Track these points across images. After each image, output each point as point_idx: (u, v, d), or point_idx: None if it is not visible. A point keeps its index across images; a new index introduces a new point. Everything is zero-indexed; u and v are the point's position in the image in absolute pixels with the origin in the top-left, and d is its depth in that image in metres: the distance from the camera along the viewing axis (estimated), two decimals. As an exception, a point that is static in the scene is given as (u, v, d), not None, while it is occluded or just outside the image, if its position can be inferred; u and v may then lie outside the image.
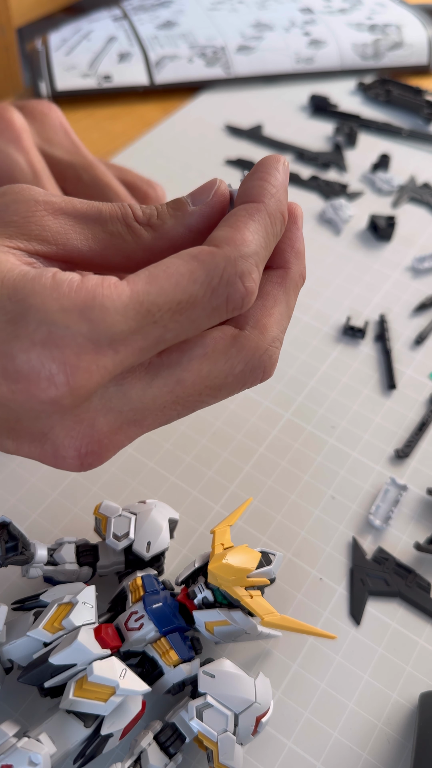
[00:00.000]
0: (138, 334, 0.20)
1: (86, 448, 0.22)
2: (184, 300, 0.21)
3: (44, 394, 0.20)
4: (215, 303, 0.21)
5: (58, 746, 0.22)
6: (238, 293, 0.21)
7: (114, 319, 0.20)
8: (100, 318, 0.20)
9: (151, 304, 0.20)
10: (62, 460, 0.22)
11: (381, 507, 0.34)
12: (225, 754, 0.24)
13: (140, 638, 0.26)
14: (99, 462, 0.22)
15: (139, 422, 0.23)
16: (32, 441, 0.22)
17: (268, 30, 0.60)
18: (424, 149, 0.55)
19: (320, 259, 0.46)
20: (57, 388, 0.20)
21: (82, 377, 0.20)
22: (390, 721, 0.28)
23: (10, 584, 0.30)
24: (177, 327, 0.21)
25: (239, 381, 0.23)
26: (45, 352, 0.20)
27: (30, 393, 0.20)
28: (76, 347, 0.20)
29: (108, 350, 0.20)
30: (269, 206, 0.23)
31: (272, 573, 0.29)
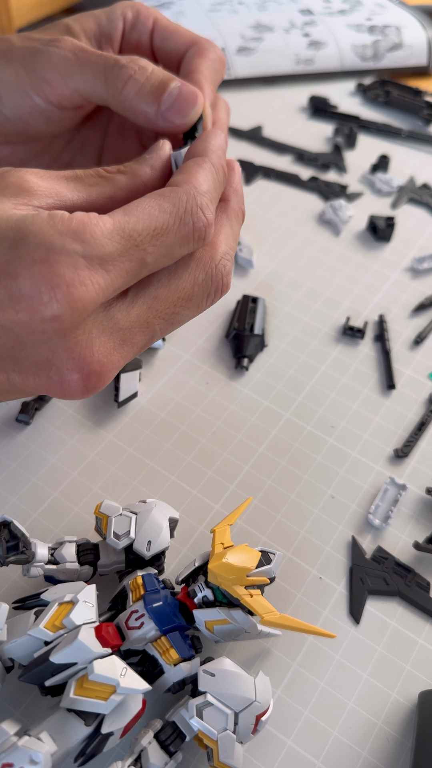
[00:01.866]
0: (124, 256, 0.24)
1: (89, 368, 0.25)
2: (159, 227, 0.25)
3: (47, 310, 0.23)
4: (184, 231, 0.26)
5: (58, 745, 0.23)
6: (200, 222, 0.26)
7: (103, 242, 0.23)
8: (91, 240, 0.23)
9: (131, 230, 0.24)
10: (68, 384, 0.25)
11: (380, 506, 0.34)
12: (225, 752, 0.24)
13: (141, 637, 0.26)
14: (102, 383, 0.25)
15: (130, 341, 0.26)
16: (38, 371, 0.25)
17: (268, 31, 0.60)
18: (423, 150, 0.55)
19: (320, 260, 0.46)
20: (58, 303, 0.23)
21: (79, 291, 0.23)
22: (389, 719, 0.28)
23: (10, 583, 0.31)
24: (155, 251, 0.25)
25: (204, 290, 0.28)
26: (45, 267, 0.22)
27: (33, 310, 0.23)
28: (72, 264, 0.23)
29: (100, 269, 0.23)
30: (212, 159, 0.28)
31: (272, 572, 0.29)
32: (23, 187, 0.25)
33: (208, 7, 0.63)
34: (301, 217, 0.48)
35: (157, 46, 0.36)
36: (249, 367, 0.39)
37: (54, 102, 0.32)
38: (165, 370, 0.39)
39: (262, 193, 0.50)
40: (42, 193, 0.25)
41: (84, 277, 0.23)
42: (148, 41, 0.35)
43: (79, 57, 0.31)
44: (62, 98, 0.32)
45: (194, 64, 0.34)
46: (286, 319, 0.42)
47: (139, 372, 0.37)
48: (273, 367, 0.40)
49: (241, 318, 0.40)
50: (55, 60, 0.31)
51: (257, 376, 0.39)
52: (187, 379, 0.39)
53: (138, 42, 0.35)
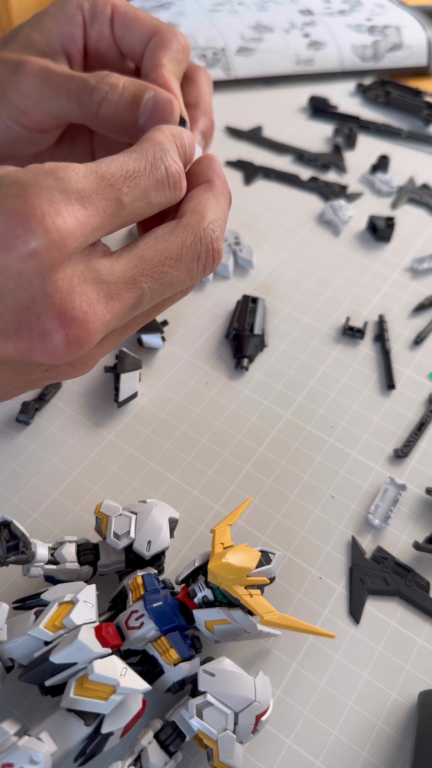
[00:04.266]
0: (99, 194, 0.24)
1: (70, 314, 0.23)
2: (131, 170, 0.25)
3: (23, 244, 0.21)
4: (157, 175, 0.26)
5: (58, 745, 0.23)
6: (172, 167, 0.26)
7: (78, 179, 0.23)
8: (65, 177, 0.23)
9: (104, 172, 0.24)
10: (49, 336, 0.23)
11: (380, 506, 0.34)
12: (225, 752, 0.24)
13: (140, 637, 0.26)
14: (84, 333, 0.24)
15: (116, 296, 0.25)
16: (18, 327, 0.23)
17: (268, 31, 0.60)
18: (423, 150, 0.55)
19: (320, 260, 0.46)
20: (34, 235, 0.22)
21: (56, 221, 0.22)
22: (389, 719, 0.29)
23: (10, 583, 0.31)
24: (130, 192, 0.25)
25: (193, 251, 0.27)
26: (18, 200, 0.22)
27: (9, 246, 0.22)
28: (47, 196, 0.22)
29: (76, 203, 0.23)
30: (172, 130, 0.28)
31: (272, 572, 0.29)
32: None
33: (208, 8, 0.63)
34: (301, 218, 0.48)
35: (119, 37, 0.35)
36: (249, 367, 0.39)
37: (33, 128, 0.32)
38: (165, 370, 0.39)
39: (262, 193, 0.50)
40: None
41: (60, 208, 0.22)
42: (109, 32, 0.35)
43: (50, 82, 0.31)
44: (41, 123, 0.32)
45: (157, 57, 0.33)
46: (286, 319, 0.42)
47: (139, 372, 0.37)
48: (273, 367, 0.40)
49: (241, 318, 0.40)
50: (26, 89, 0.31)
51: (257, 376, 0.39)
52: (187, 379, 0.39)
53: (100, 34, 0.35)
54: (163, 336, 0.39)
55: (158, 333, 0.39)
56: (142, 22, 0.34)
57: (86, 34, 0.34)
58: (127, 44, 0.35)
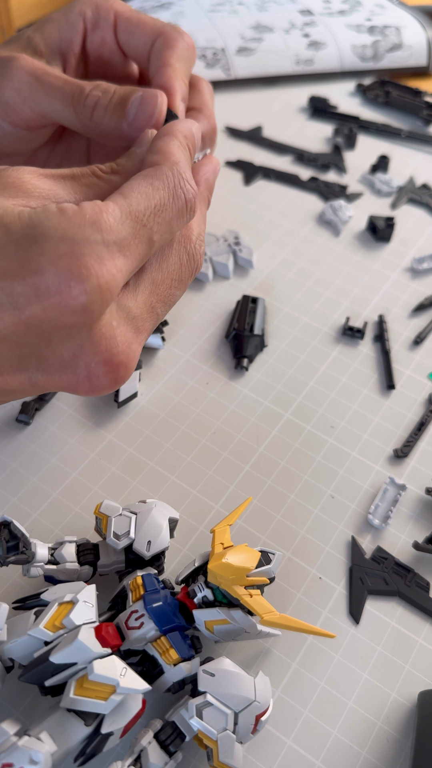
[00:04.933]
0: (136, 239, 0.25)
1: (116, 359, 0.25)
2: (157, 204, 0.26)
3: (75, 302, 0.23)
4: (179, 204, 0.26)
5: (58, 745, 0.23)
6: (189, 193, 0.27)
7: (118, 228, 0.24)
8: (108, 228, 0.23)
9: (137, 212, 0.25)
10: (96, 379, 0.25)
11: (380, 506, 0.34)
12: (225, 752, 0.24)
13: (140, 637, 0.26)
14: (128, 373, 0.26)
15: (142, 328, 0.27)
16: (63, 369, 0.25)
17: (268, 32, 0.60)
18: (423, 150, 0.55)
19: (320, 260, 0.46)
20: (87, 295, 0.23)
21: (107, 279, 0.23)
22: (389, 719, 0.29)
23: (10, 583, 0.31)
24: (159, 228, 0.26)
25: (188, 269, 0.29)
26: (72, 260, 0.22)
27: (62, 305, 0.23)
28: (97, 254, 0.23)
29: (120, 255, 0.24)
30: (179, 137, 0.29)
31: (272, 572, 0.29)
32: (21, 187, 0.25)
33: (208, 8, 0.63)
34: (301, 218, 0.48)
35: (123, 42, 0.35)
36: (249, 367, 0.40)
37: (21, 125, 0.32)
38: (165, 370, 0.39)
39: (262, 193, 0.50)
40: (40, 195, 0.25)
41: (109, 266, 0.23)
42: (112, 37, 0.35)
43: (43, 82, 0.31)
44: (28, 121, 0.32)
45: (164, 57, 0.33)
46: (286, 319, 0.42)
47: (139, 372, 0.37)
48: (273, 367, 0.40)
49: (241, 318, 0.40)
50: (16, 84, 0.31)
51: (257, 376, 0.39)
52: (187, 379, 0.39)
53: (102, 40, 0.35)
54: (163, 336, 0.39)
55: (158, 333, 0.39)
56: (145, 25, 0.34)
57: (86, 40, 0.35)
58: (132, 48, 0.35)
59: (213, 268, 0.44)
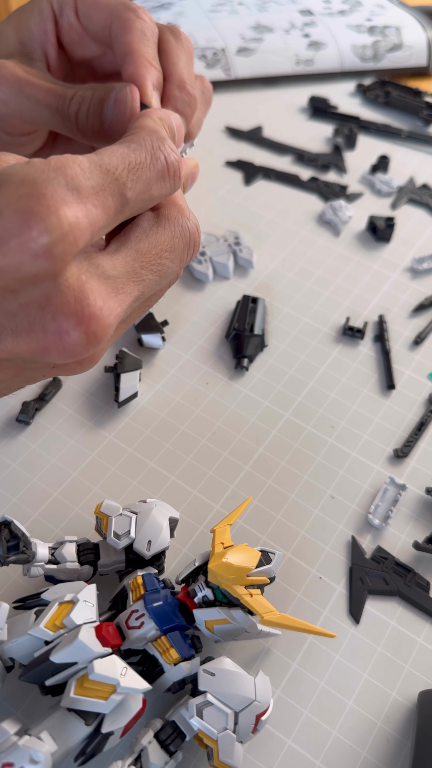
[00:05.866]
0: (106, 190, 0.23)
1: (87, 310, 0.23)
2: (133, 161, 0.25)
3: (36, 244, 0.21)
4: (158, 166, 0.25)
5: (59, 744, 0.23)
6: (171, 157, 0.26)
7: (83, 175, 0.22)
8: (72, 174, 0.22)
9: (108, 165, 0.24)
10: (66, 334, 0.23)
11: (380, 506, 0.34)
12: (225, 752, 0.24)
13: (141, 636, 0.26)
14: (101, 329, 0.24)
15: (122, 290, 0.25)
16: (31, 326, 0.23)
17: (268, 32, 0.60)
18: (423, 150, 0.55)
19: (320, 260, 0.46)
20: (48, 233, 0.21)
21: (69, 221, 0.22)
22: (389, 719, 0.29)
23: (11, 583, 0.31)
24: (134, 186, 0.25)
25: (183, 241, 0.28)
26: (32, 199, 0.21)
27: (22, 247, 0.21)
28: (59, 195, 0.22)
29: (86, 201, 0.22)
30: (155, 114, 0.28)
31: (272, 572, 0.29)
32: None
33: (208, 8, 0.63)
34: (301, 218, 0.48)
35: (85, 26, 0.34)
36: (249, 367, 0.40)
37: (15, 133, 0.32)
38: (165, 370, 0.39)
39: (262, 193, 0.50)
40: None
41: (74, 208, 0.22)
42: (76, 21, 0.34)
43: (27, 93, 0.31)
44: (21, 128, 0.32)
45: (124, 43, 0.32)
46: (286, 319, 0.42)
47: (139, 372, 0.37)
48: (273, 367, 0.40)
49: (241, 318, 0.40)
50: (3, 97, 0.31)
51: (257, 376, 0.39)
52: (187, 379, 0.39)
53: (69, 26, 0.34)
54: (163, 336, 0.40)
55: (158, 333, 0.39)
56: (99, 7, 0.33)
57: (58, 27, 0.34)
58: (93, 33, 0.34)
59: (213, 268, 0.44)
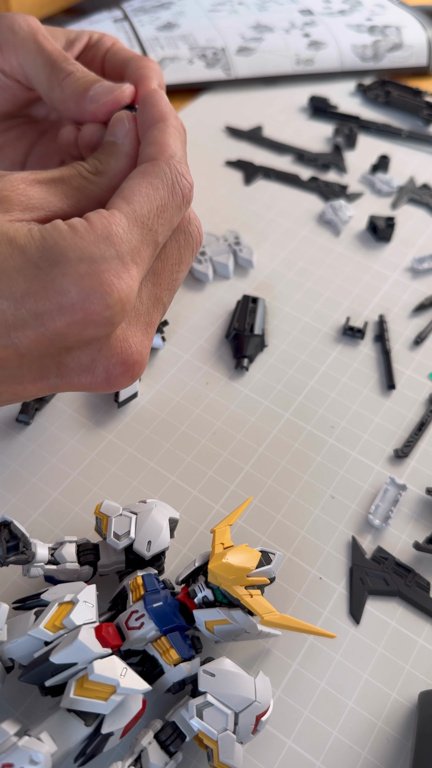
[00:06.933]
0: (144, 244, 0.25)
1: (131, 359, 0.27)
2: (159, 205, 0.26)
3: (99, 317, 0.24)
4: (177, 200, 0.27)
5: (58, 745, 0.23)
6: (186, 187, 0.27)
7: (128, 238, 0.25)
8: (119, 241, 0.24)
9: (142, 217, 0.25)
10: (114, 378, 0.27)
11: (380, 506, 0.34)
12: (225, 752, 0.24)
13: (141, 637, 0.26)
14: (142, 369, 0.27)
15: (150, 322, 0.28)
16: (81, 372, 0.26)
17: (268, 31, 0.60)
18: (423, 150, 0.55)
19: (320, 260, 0.46)
20: (111, 307, 0.24)
21: (125, 292, 0.24)
22: (389, 719, 0.28)
23: (11, 583, 0.31)
24: (162, 229, 0.26)
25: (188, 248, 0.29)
26: (95, 279, 0.23)
27: (87, 320, 0.24)
28: (113, 270, 0.24)
29: (133, 265, 0.25)
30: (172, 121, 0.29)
31: (272, 572, 0.29)
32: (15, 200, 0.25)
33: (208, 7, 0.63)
34: (301, 218, 0.48)
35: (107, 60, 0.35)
36: (249, 367, 0.39)
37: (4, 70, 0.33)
38: (165, 370, 0.39)
39: (262, 193, 0.50)
40: (34, 206, 0.26)
41: (126, 278, 0.24)
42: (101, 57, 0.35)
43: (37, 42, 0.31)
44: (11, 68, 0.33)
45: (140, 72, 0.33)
46: (286, 319, 0.42)
47: (139, 372, 0.37)
48: (273, 367, 0.40)
49: (241, 318, 0.40)
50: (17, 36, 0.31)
51: (257, 376, 0.39)
52: (187, 379, 0.39)
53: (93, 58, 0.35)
54: (163, 336, 0.39)
55: (158, 333, 0.39)
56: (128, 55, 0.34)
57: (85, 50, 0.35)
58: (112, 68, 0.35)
59: (213, 268, 0.44)
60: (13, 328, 0.23)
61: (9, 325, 0.23)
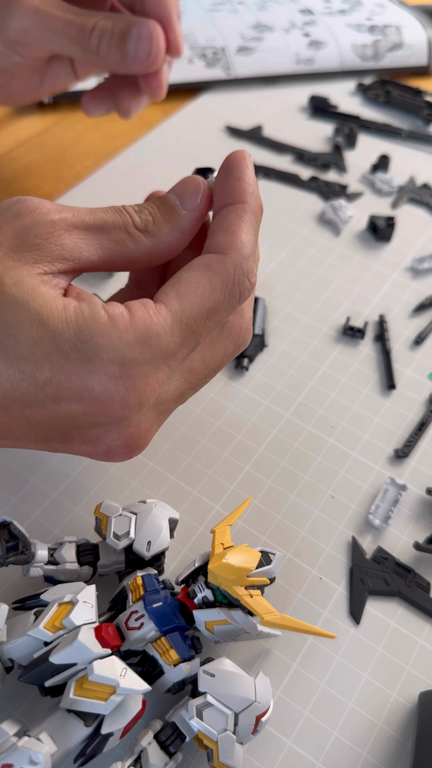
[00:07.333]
0: (183, 346, 0.24)
1: (135, 443, 0.26)
2: (211, 308, 0.25)
3: (116, 414, 0.24)
4: (232, 303, 0.25)
5: (58, 745, 0.22)
6: (246, 290, 0.26)
7: (167, 341, 0.23)
8: (157, 345, 0.23)
9: (189, 319, 0.24)
10: (113, 456, 0.26)
11: (380, 506, 0.34)
12: (225, 753, 0.24)
13: (140, 637, 0.26)
14: (140, 451, 0.27)
15: (166, 411, 0.27)
16: (83, 443, 0.26)
17: (268, 31, 0.60)
18: (423, 150, 0.55)
19: (320, 260, 0.46)
20: (129, 409, 0.24)
21: (148, 394, 0.24)
22: (389, 720, 0.28)
23: (10, 584, 0.31)
24: (208, 331, 0.25)
25: (232, 356, 0.28)
26: (120, 383, 0.23)
27: (103, 414, 0.24)
28: (144, 374, 0.23)
29: (164, 367, 0.24)
30: (252, 205, 0.26)
31: (272, 572, 0.29)
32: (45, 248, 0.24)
33: (208, 7, 0.63)
34: (301, 217, 0.48)
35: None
36: (249, 367, 0.39)
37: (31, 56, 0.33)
38: (165, 370, 0.39)
39: (262, 193, 0.50)
40: (66, 256, 0.24)
41: (152, 381, 0.24)
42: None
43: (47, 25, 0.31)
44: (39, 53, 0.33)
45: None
46: (286, 319, 0.42)
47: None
48: (273, 367, 0.40)
49: (241, 318, 0.40)
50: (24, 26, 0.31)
51: (257, 376, 0.39)
52: (187, 379, 0.39)
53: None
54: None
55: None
56: None
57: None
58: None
59: (213, 268, 0.44)
60: (29, 407, 0.23)
61: (26, 404, 0.23)
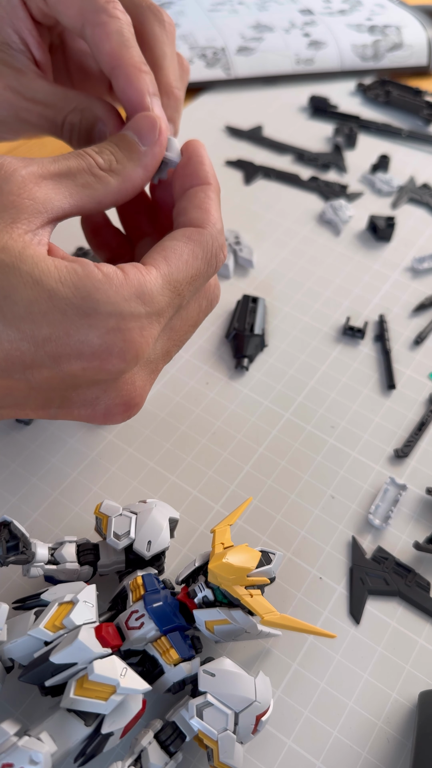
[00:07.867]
0: (171, 306, 0.26)
1: (132, 401, 0.28)
2: (194, 273, 0.27)
3: (114, 367, 0.25)
4: (210, 272, 0.28)
5: (58, 745, 0.23)
6: (220, 261, 0.29)
7: (159, 299, 0.25)
8: (151, 300, 0.25)
9: (176, 282, 0.26)
10: (112, 416, 0.28)
11: (380, 506, 0.34)
12: (225, 752, 0.24)
13: (141, 637, 0.26)
14: (137, 411, 0.29)
15: (156, 370, 0.29)
16: (82, 406, 0.27)
17: (268, 31, 0.60)
18: (423, 150, 0.55)
19: (320, 260, 0.46)
20: (127, 362, 0.25)
21: (144, 348, 0.25)
22: (389, 719, 0.28)
23: (10, 583, 0.31)
24: (189, 294, 0.28)
25: (205, 312, 0.31)
26: (119, 335, 0.24)
27: (101, 368, 0.25)
28: (139, 327, 0.25)
29: (156, 323, 0.26)
30: (215, 185, 0.30)
31: (272, 572, 0.29)
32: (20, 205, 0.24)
33: (208, 7, 0.63)
34: (301, 217, 0.48)
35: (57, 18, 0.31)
36: (249, 367, 0.39)
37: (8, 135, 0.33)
38: (165, 370, 0.39)
39: (262, 193, 0.50)
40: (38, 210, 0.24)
41: (147, 335, 0.25)
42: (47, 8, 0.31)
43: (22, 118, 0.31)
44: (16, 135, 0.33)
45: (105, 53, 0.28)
46: (286, 319, 0.42)
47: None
48: (273, 367, 0.40)
49: (241, 318, 0.40)
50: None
51: (257, 376, 0.39)
52: (187, 379, 0.39)
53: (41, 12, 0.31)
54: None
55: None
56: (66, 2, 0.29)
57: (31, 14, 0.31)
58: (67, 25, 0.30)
59: (213, 268, 0.44)
60: (29, 367, 0.24)
61: (26, 365, 0.24)
